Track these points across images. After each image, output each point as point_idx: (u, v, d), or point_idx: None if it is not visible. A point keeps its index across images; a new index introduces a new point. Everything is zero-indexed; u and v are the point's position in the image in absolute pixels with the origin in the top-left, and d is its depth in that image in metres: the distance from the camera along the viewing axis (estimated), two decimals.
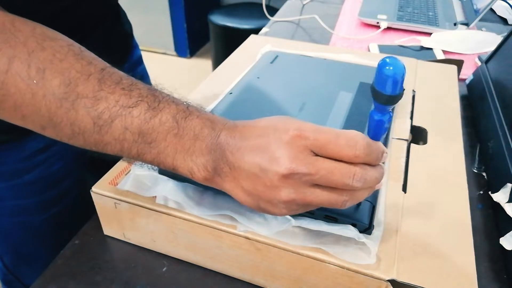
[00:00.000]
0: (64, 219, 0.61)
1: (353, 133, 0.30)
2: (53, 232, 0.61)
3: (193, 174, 0.32)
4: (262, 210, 0.32)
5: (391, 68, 0.28)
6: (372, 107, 0.31)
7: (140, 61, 0.72)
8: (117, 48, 0.33)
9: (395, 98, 0.29)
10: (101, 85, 0.31)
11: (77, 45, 0.33)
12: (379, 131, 0.31)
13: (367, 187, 0.31)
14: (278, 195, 0.30)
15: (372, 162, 0.30)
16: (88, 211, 0.64)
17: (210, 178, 0.32)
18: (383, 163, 0.32)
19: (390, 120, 0.31)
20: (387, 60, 0.28)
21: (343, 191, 0.30)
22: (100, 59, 0.33)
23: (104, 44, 0.57)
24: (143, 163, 0.35)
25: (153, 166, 0.35)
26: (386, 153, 0.31)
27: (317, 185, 0.30)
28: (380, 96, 0.29)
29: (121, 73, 0.33)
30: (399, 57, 0.31)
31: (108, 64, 0.33)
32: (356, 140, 0.29)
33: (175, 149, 0.32)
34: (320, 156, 0.29)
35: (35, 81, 0.30)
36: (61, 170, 0.58)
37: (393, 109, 0.31)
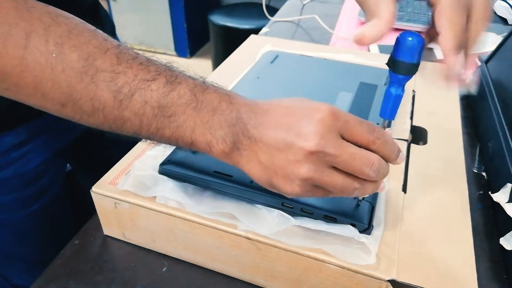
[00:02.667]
0: (44, 216, 0.61)
1: (372, 122, 0.32)
2: (34, 230, 0.61)
3: (212, 147, 0.32)
4: (273, 187, 0.32)
5: (413, 38, 0.31)
6: (385, 85, 0.33)
7: None
8: None
9: (417, 66, 0.32)
10: (119, 60, 0.31)
11: (89, 24, 0.33)
12: (396, 107, 0.34)
13: (376, 181, 0.32)
14: (297, 171, 0.30)
15: (387, 152, 0.32)
16: (70, 208, 0.63)
17: (228, 151, 0.32)
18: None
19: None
20: (409, 33, 0.31)
21: (356, 178, 0.31)
22: (112, 38, 0.34)
23: None
24: (160, 143, 0.35)
25: (170, 145, 0.35)
26: (402, 153, 0.33)
27: (334, 168, 0.31)
28: (405, 66, 0.32)
29: (136, 51, 0.34)
30: None
31: (121, 43, 0.34)
32: (374, 127, 0.31)
33: (194, 122, 0.32)
34: (345, 139, 0.31)
35: (54, 55, 0.30)
36: (39, 166, 0.57)
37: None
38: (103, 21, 0.65)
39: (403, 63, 0.32)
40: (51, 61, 0.30)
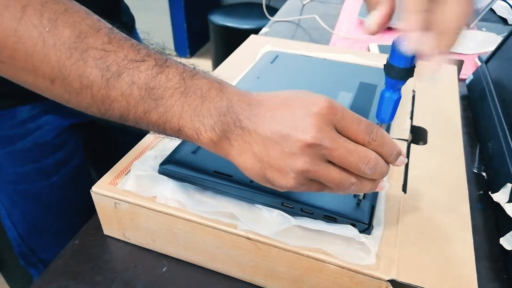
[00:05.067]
0: (67, 187, 0.64)
1: (372, 122, 0.31)
2: (57, 201, 0.64)
3: (199, 134, 0.32)
4: (267, 180, 0.32)
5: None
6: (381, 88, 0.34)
7: None
8: None
9: (411, 70, 0.32)
10: (111, 39, 0.32)
11: (86, 8, 0.34)
12: (392, 110, 0.34)
13: (373, 179, 0.32)
14: (293, 163, 0.30)
15: (384, 154, 0.31)
16: (88, 183, 0.67)
17: (217, 141, 0.32)
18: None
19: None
20: (404, 38, 0.31)
21: (353, 174, 0.31)
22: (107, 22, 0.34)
23: None
24: (148, 129, 0.35)
25: (159, 133, 0.35)
26: (403, 156, 0.33)
27: (331, 162, 0.30)
28: (399, 70, 0.32)
29: (128, 36, 0.34)
30: None
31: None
32: (373, 128, 0.31)
33: (181, 107, 0.32)
34: (341, 134, 0.30)
35: (47, 29, 0.30)
36: (56, 139, 0.60)
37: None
38: (123, 14, 0.67)
39: (396, 68, 0.32)
40: (43, 34, 0.30)
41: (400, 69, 0.32)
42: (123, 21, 0.67)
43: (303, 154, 0.29)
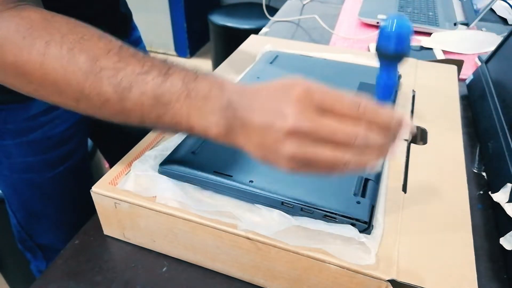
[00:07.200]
0: (68, 179, 0.68)
1: (355, 97, 0.31)
2: (58, 191, 0.68)
3: (207, 132, 0.35)
4: (270, 163, 0.33)
5: (390, 25, 0.31)
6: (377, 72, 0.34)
7: (139, 41, 0.80)
8: (115, 28, 0.39)
9: (398, 52, 0.31)
10: (120, 58, 0.36)
11: (100, 31, 0.38)
12: (390, 90, 0.34)
13: (371, 152, 0.31)
14: (282, 149, 0.31)
15: (383, 124, 0.30)
16: (88, 177, 0.72)
17: (224, 134, 0.34)
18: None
19: (397, 80, 0.33)
20: (389, 18, 0.31)
21: (347, 150, 0.30)
22: (118, 39, 0.38)
23: (103, 24, 0.62)
24: (164, 131, 0.38)
25: (175, 132, 0.38)
26: (407, 124, 0.31)
27: (320, 143, 0.30)
28: (384, 51, 0.32)
29: (136, 49, 0.38)
30: None
31: (124, 43, 0.38)
32: (360, 101, 0.30)
33: (188, 109, 0.34)
34: (326, 115, 0.30)
35: (66, 59, 0.35)
36: (65, 132, 0.64)
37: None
38: (121, 4, 0.70)
39: (380, 49, 0.32)
40: (63, 64, 0.35)
41: (387, 49, 0.32)
42: (122, 12, 0.71)
43: (289, 140, 0.30)
